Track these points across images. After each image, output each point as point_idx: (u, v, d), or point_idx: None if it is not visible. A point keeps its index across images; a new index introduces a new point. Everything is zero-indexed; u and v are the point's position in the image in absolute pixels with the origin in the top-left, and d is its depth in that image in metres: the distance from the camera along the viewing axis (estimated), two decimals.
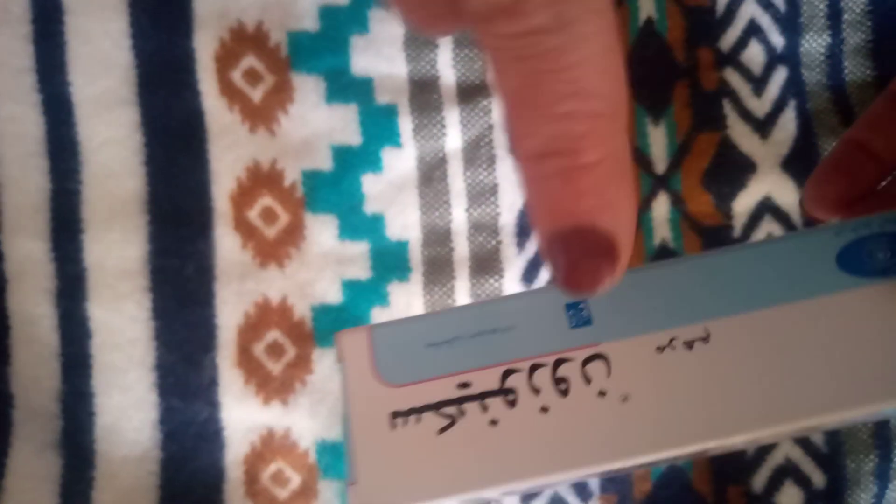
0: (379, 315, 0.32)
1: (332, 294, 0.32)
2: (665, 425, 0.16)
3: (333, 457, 0.32)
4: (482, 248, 0.33)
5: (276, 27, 0.32)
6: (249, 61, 0.32)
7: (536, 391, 0.17)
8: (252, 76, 0.32)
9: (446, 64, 0.32)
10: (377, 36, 0.32)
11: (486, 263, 0.32)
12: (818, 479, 0.33)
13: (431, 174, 0.32)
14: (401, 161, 0.32)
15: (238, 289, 0.31)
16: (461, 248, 0.32)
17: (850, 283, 0.17)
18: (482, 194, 0.33)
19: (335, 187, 0.32)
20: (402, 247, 0.32)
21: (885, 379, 0.17)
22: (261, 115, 0.32)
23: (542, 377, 0.17)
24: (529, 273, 0.32)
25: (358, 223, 0.32)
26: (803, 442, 0.33)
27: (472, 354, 0.17)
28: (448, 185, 0.32)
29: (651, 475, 0.33)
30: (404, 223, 0.32)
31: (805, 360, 0.17)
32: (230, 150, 0.32)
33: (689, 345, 0.17)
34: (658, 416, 0.16)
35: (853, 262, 0.18)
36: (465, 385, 0.17)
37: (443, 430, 0.17)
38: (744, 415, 0.16)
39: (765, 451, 0.33)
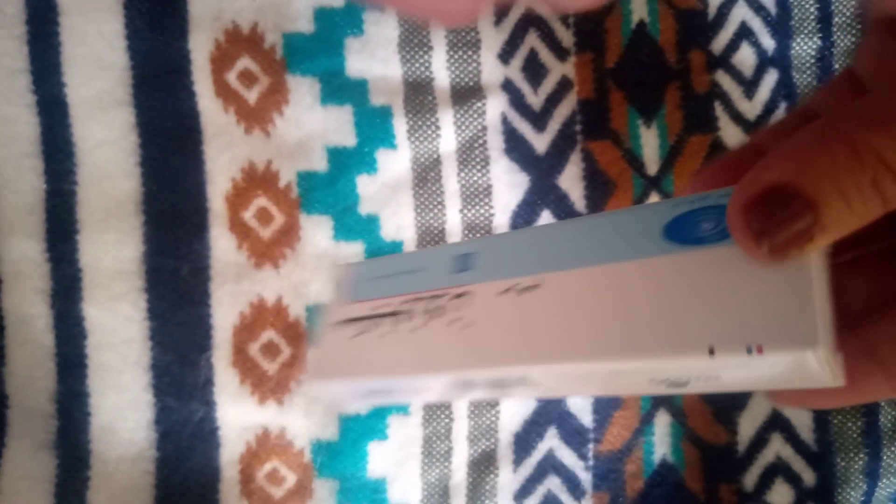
0: None
1: (327, 295, 0.32)
2: (493, 348, 0.20)
3: (328, 456, 0.32)
4: None
5: (271, 29, 0.32)
6: (244, 63, 0.32)
7: (412, 316, 0.22)
8: (247, 77, 0.32)
9: (440, 66, 0.32)
10: (372, 38, 0.32)
11: None
12: (808, 477, 0.33)
13: (426, 175, 0.33)
14: (395, 162, 0.32)
15: (233, 289, 0.32)
16: None
17: (669, 249, 0.19)
18: (476, 195, 0.33)
19: (330, 188, 0.32)
20: (396, 247, 0.32)
21: (679, 335, 0.18)
22: (256, 117, 0.32)
23: (421, 306, 0.22)
24: None
25: (353, 224, 0.32)
26: (794, 440, 0.33)
27: (390, 286, 0.23)
28: (442, 186, 0.33)
29: (643, 473, 0.33)
30: (399, 224, 0.32)
31: (613, 309, 0.19)
32: (225, 151, 0.32)
33: (524, 290, 0.20)
34: (490, 341, 0.20)
35: (678, 232, 0.19)
36: (376, 307, 0.23)
37: (355, 336, 0.22)
38: (556, 348, 0.19)
39: (756, 449, 0.33)
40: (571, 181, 0.33)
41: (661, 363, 0.18)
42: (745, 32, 0.33)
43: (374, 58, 0.32)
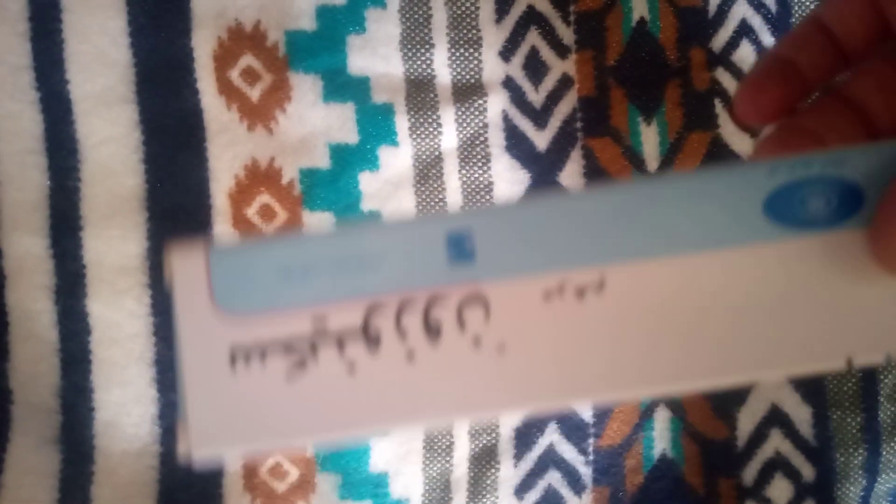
0: None
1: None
2: (538, 381, 0.15)
3: (331, 451, 0.32)
4: None
5: (274, 27, 0.32)
6: (247, 60, 0.32)
7: (403, 334, 0.15)
8: (250, 75, 0.32)
9: (442, 63, 0.33)
10: (374, 35, 0.32)
11: None
12: (808, 472, 0.33)
13: (427, 172, 0.33)
14: (397, 159, 0.33)
15: None
16: None
17: (775, 233, 0.15)
18: (477, 192, 0.33)
19: (332, 185, 0.32)
20: None
21: (807, 345, 0.15)
22: (259, 114, 0.32)
23: (412, 318, 0.15)
24: None
25: (355, 220, 0.32)
26: (793, 435, 0.33)
27: (331, 285, 0.15)
28: (444, 184, 0.33)
29: (643, 468, 0.33)
30: None
31: (710, 318, 0.15)
32: (228, 149, 0.32)
33: (581, 293, 0.15)
34: (533, 370, 0.15)
35: (782, 210, 0.15)
36: (320, 320, 0.14)
37: (291, 372, 0.15)
38: (626, 376, 0.15)
39: (755, 444, 0.33)
40: (572, 178, 0.33)
41: (790, 375, 0.15)
42: (745, 30, 0.33)
43: (376, 55, 0.32)
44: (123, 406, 0.31)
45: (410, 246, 0.15)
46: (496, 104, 0.33)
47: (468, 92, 0.33)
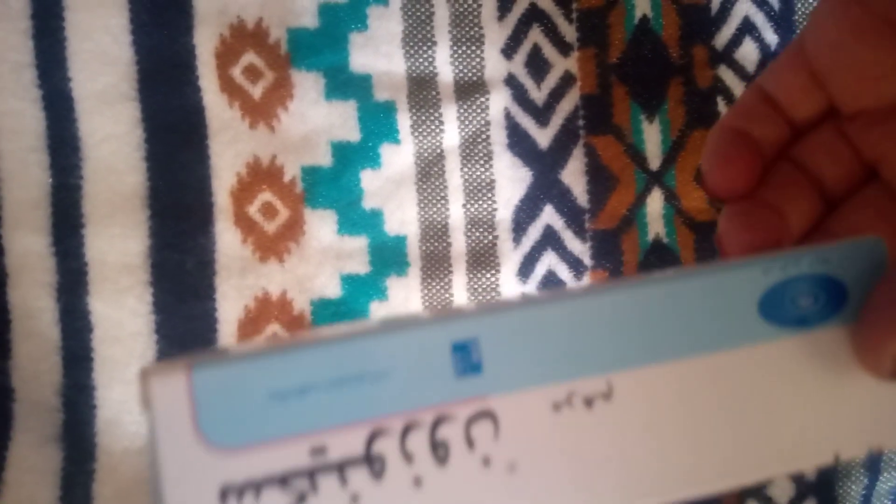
0: (377, 310, 0.32)
1: (332, 288, 0.32)
2: (551, 500, 0.14)
3: None
4: (479, 243, 0.33)
5: (276, 24, 0.32)
6: (249, 58, 0.32)
7: (409, 458, 0.14)
8: (252, 73, 0.32)
9: (444, 61, 0.33)
10: (376, 33, 0.32)
11: (482, 258, 0.33)
12: (809, 471, 0.33)
13: (429, 170, 0.33)
14: (399, 157, 0.33)
15: (238, 283, 0.32)
16: (458, 244, 0.33)
17: (769, 333, 0.15)
18: (479, 190, 0.33)
19: (334, 183, 0.32)
20: (400, 242, 0.33)
21: (800, 444, 0.15)
22: (261, 112, 0.32)
23: (418, 440, 0.14)
24: (525, 268, 0.33)
25: (357, 218, 0.32)
26: None
27: (330, 409, 0.13)
28: (446, 181, 0.33)
29: None
30: (402, 218, 0.33)
31: (714, 421, 0.15)
32: (230, 146, 0.32)
33: (589, 402, 0.14)
34: (546, 488, 0.14)
35: (775, 309, 0.16)
36: (319, 450, 0.13)
37: None
38: (642, 486, 0.14)
39: None
40: (574, 176, 0.33)
41: (783, 474, 0.16)
42: (748, 27, 0.33)
43: (378, 53, 0.32)
44: (125, 404, 0.31)
45: (415, 360, 0.14)
46: (498, 102, 0.33)
47: (470, 89, 0.33)
